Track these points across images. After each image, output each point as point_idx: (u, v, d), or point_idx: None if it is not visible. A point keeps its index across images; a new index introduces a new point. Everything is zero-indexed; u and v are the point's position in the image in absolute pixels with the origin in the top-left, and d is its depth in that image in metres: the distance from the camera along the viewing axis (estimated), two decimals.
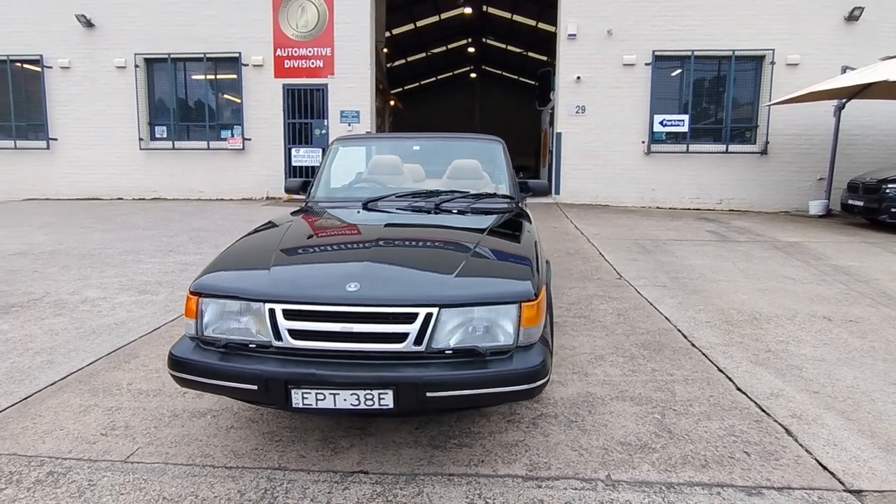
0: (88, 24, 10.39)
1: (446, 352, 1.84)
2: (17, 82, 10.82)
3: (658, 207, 10.05)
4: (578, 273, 5.14)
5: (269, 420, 2.36)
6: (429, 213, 2.94)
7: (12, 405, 2.51)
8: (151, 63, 10.66)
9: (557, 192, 10.39)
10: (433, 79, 35.26)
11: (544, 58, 21.45)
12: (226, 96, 10.75)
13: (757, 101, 9.79)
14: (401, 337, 1.82)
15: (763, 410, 2.45)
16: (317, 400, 1.77)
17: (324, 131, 10.48)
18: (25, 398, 2.58)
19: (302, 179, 3.52)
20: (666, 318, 3.82)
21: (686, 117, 9.82)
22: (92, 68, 10.55)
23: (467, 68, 34.30)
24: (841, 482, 1.92)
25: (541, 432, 2.27)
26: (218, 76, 10.66)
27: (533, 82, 22.67)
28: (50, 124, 10.74)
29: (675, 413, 2.43)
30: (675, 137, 9.99)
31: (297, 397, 1.78)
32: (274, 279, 1.98)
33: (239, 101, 10.53)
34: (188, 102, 10.85)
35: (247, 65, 10.38)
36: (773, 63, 9.57)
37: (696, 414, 2.42)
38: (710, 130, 10.08)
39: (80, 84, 10.62)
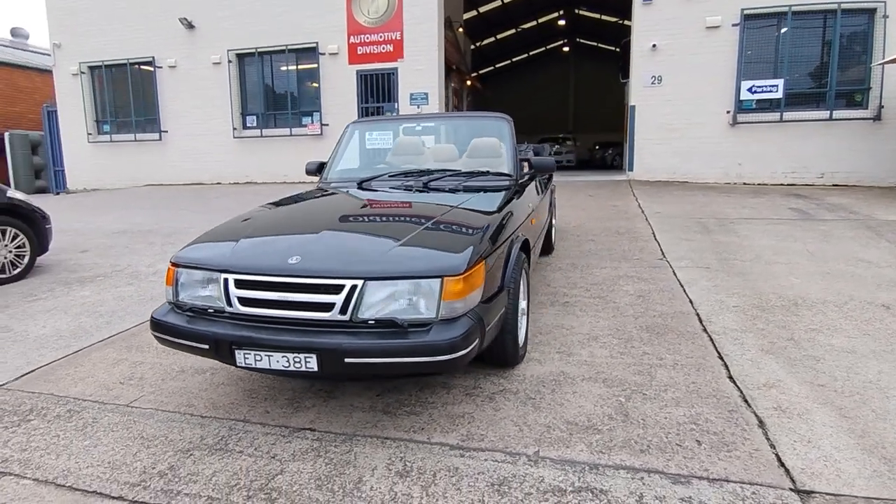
0: (190, 25, 11.53)
1: (369, 322, 1.94)
2: (135, 82, 12.34)
3: (745, 184, 9.15)
4: (619, 253, 4.92)
5: (253, 379, 2.62)
6: (418, 191, 3.02)
7: (66, 356, 3.02)
8: (242, 58, 11.61)
9: (631, 169, 9.83)
10: (525, 55, 34.44)
11: None
12: (305, 85, 11.43)
13: (868, 60, 8.45)
14: (328, 306, 1.95)
15: (745, 400, 2.26)
16: (255, 360, 1.97)
17: (394, 114, 10.78)
18: (77, 351, 3.09)
19: (319, 162, 3.74)
20: (690, 300, 3.57)
21: (780, 82, 8.75)
22: (193, 66, 11.73)
23: (560, 42, 33.04)
24: (793, 481, 1.76)
25: (493, 406, 2.30)
26: (298, 66, 11.35)
27: None
28: (161, 118, 12.16)
29: (643, 397, 2.32)
30: (766, 105, 8.96)
31: (241, 357, 1.99)
32: (232, 252, 2.20)
33: (317, 88, 11.15)
34: (273, 92, 11.70)
35: (323, 54, 10.93)
36: (885, 17, 8.19)
37: (666, 399, 2.30)
38: (809, 95, 8.89)
39: (184, 81, 11.87)
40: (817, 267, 4.24)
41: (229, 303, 2.07)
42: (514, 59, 34.32)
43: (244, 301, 2.05)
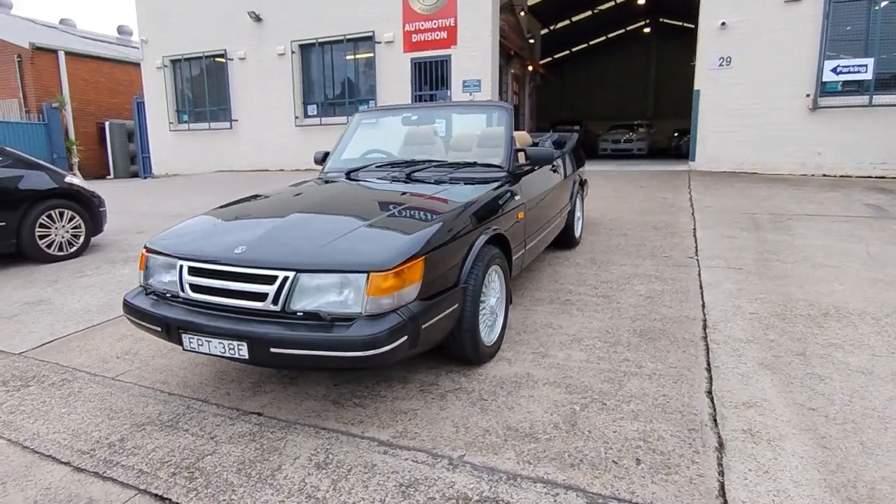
0: (258, 18, 12.09)
1: (298, 314, 1.95)
2: (209, 74, 13.17)
3: (824, 175, 8.21)
4: (648, 250, 4.61)
5: (228, 362, 2.74)
6: (399, 182, 2.98)
7: (84, 329, 3.31)
8: (304, 48, 12.02)
9: (693, 159, 9.15)
10: (603, 37, 32.92)
11: None
12: (362, 74, 11.64)
13: None
14: (262, 296, 1.99)
15: (714, 420, 2.05)
16: (198, 345, 2.05)
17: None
18: (96, 325, 3.37)
19: (325, 151, 3.79)
20: (703, 304, 3.28)
21: (870, 62, 7.70)
22: (260, 57, 12.32)
23: (641, 23, 31.23)
24: None
25: (440, 405, 2.24)
26: (356, 56, 11.58)
27: None
28: (232, 108, 12.90)
29: (601, 408, 2.17)
30: (853, 88, 7.95)
31: (186, 341, 2.08)
32: (191, 241, 2.29)
33: (373, 77, 11.33)
34: (332, 82, 12.02)
35: (379, 42, 11.07)
36: None
37: (625, 412, 2.13)
38: None
39: (252, 72, 12.50)
40: (871, 273, 3.74)
41: (182, 288, 2.16)
42: (590, 43, 32.95)
43: (194, 287, 2.14)
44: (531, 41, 18.24)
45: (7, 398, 2.44)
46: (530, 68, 15.32)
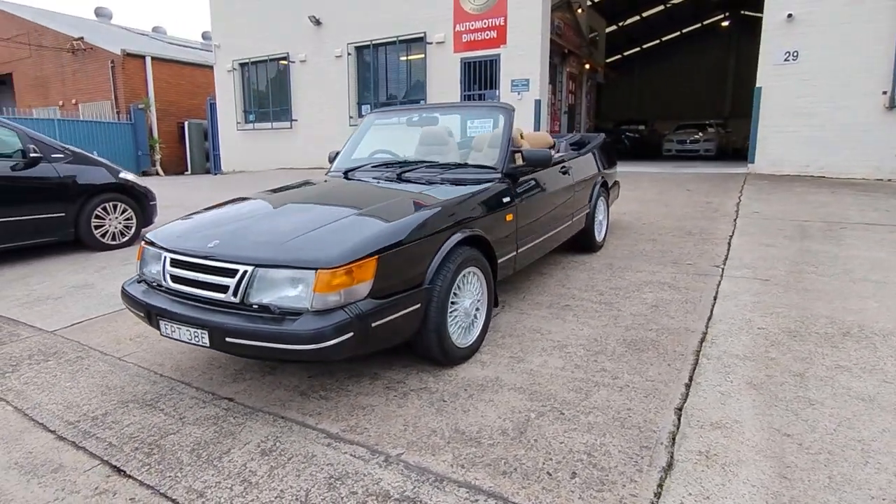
0: (317, 22, 12.58)
1: (254, 306, 2.04)
2: (273, 76, 13.86)
3: None
4: (673, 256, 4.39)
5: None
6: (389, 182, 3.03)
7: (112, 312, 3.61)
8: (359, 50, 12.37)
9: (752, 161, 8.54)
10: (676, 33, 31.38)
11: None
12: (413, 74, 11.81)
13: None
14: (225, 288, 2.10)
15: (672, 439, 1.94)
16: (171, 331, 2.20)
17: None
18: (122, 309, 3.67)
19: (336, 151, 3.92)
20: (710, 316, 3.09)
21: None
22: (318, 60, 12.81)
23: (719, 16, 29.45)
24: None
25: (399, 403, 2.27)
26: (408, 57, 11.76)
27: None
28: (293, 108, 13.51)
29: (557, 417, 2.11)
30: None
31: (163, 327, 2.23)
32: (178, 234, 2.45)
33: (423, 78, 11.47)
34: (385, 83, 12.29)
35: (430, 43, 11.18)
36: None
37: (580, 423, 2.06)
38: None
39: (311, 73, 13.02)
40: None
41: (164, 278, 2.32)
42: (663, 39, 31.50)
43: (174, 278, 2.29)
44: (595, 38, 17.73)
45: (27, 370, 2.72)
46: (587, 66, 14.88)
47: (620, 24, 25.92)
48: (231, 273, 2.09)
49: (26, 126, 13.24)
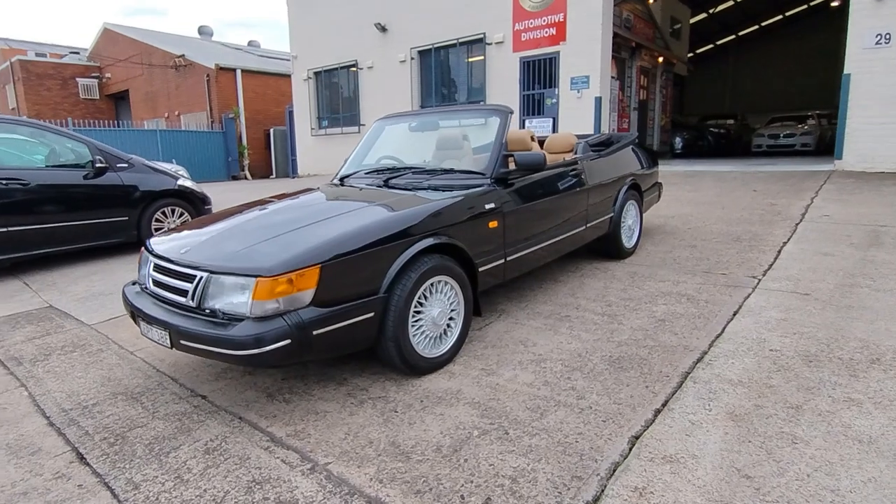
0: (383, 29, 12.93)
1: (206, 310, 2.14)
2: (343, 83, 14.44)
3: None
4: (707, 265, 4.02)
5: None
6: (377, 188, 3.04)
7: None
8: (422, 54, 12.54)
9: (839, 157, 7.59)
10: (778, 16, 28.64)
11: None
12: (473, 76, 11.77)
13: None
14: (186, 293, 2.22)
15: (613, 470, 1.78)
16: (146, 330, 2.36)
17: (554, 101, 10.38)
18: None
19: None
20: (719, 334, 2.79)
21: None
22: (384, 65, 13.15)
23: None
24: None
25: (351, 411, 2.28)
26: (468, 59, 11.75)
27: None
28: (361, 113, 13.99)
29: (498, 437, 2.01)
30: None
31: (141, 326, 2.41)
32: (167, 240, 2.63)
33: (483, 79, 11.40)
34: (446, 85, 12.36)
35: (490, 43, 11.09)
36: None
37: (520, 446, 1.95)
38: None
39: (377, 79, 13.41)
40: None
41: (148, 282, 2.50)
42: (762, 24, 28.91)
43: (154, 281, 2.46)
44: (676, 29, 16.66)
45: (55, 360, 3.05)
46: (661, 59, 13.99)
47: (711, 11, 24.13)
48: (191, 278, 2.21)
49: (134, 136, 14.68)
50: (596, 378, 2.42)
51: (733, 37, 28.88)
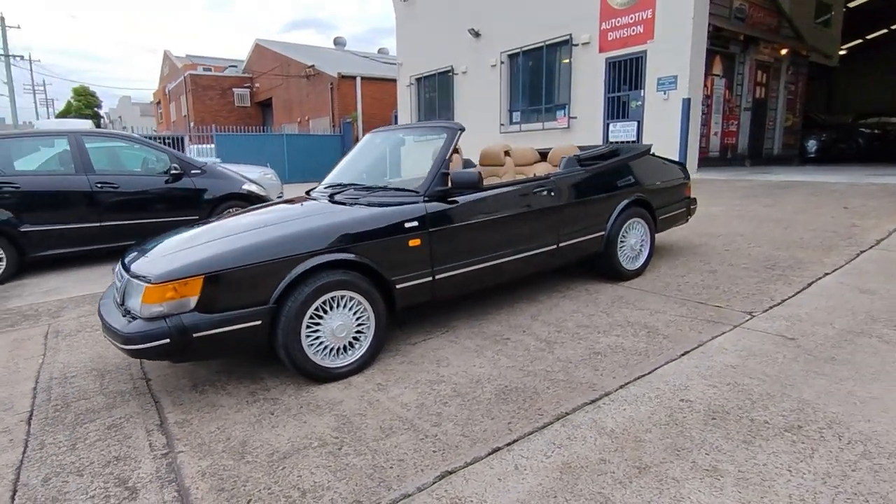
0: (476, 34, 13.09)
1: (123, 308, 2.52)
2: (440, 89, 14.88)
3: None
4: (711, 294, 3.60)
5: None
6: (328, 202, 3.24)
7: None
8: (512, 58, 12.46)
9: None
10: None
11: None
12: (559, 78, 11.42)
13: None
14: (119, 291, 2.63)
15: (396, 502, 1.78)
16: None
17: (639, 103, 9.69)
18: None
19: None
20: (641, 376, 2.54)
21: None
22: (477, 70, 13.30)
23: None
24: None
25: (240, 409, 2.50)
26: (555, 61, 11.42)
27: None
28: (455, 117, 14.30)
29: (329, 452, 2.10)
30: None
31: None
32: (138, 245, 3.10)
33: (569, 82, 11.02)
34: (534, 89, 12.15)
35: (576, 45, 10.68)
36: None
37: (339, 464, 2.02)
38: None
39: (471, 84, 13.61)
40: None
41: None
42: None
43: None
44: (826, 19, 14.46)
45: (80, 336, 3.73)
46: (784, 52, 12.20)
47: None
48: (121, 279, 2.62)
49: (267, 140, 16.65)
50: (471, 407, 2.38)
51: None
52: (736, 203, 6.56)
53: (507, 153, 3.77)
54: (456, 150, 4.18)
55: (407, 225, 2.87)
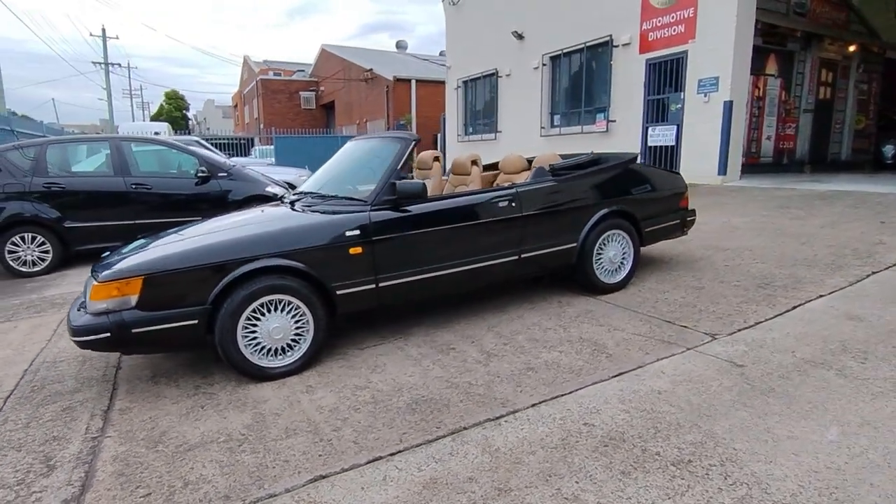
0: (520, 37, 12.97)
1: (82, 303, 2.79)
2: (485, 92, 14.86)
3: None
4: (686, 312, 3.43)
5: None
6: (287, 209, 3.40)
7: None
8: (553, 60, 12.23)
9: None
10: None
11: None
12: (598, 81, 11.08)
13: None
14: None
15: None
16: None
17: (679, 105, 9.22)
18: None
19: None
20: (559, 395, 2.49)
21: None
22: (520, 73, 13.17)
23: None
24: None
25: (177, 401, 2.70)
26: (594, 63, 11.09)
27: None
28: (498, 120, 14.26)
29: (229, 448, 2.23)
30: None
31: None
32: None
33: (608, 84, 10.68)
34: (575, 91, 11.86)
35: (617, 46, 10.32)
36: None
37: (233, 460, 2.15)
38: None
39: (514, 86, 13.50)
40: None
41: None
42: None
43: None
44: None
45: None
46: (853, 48, 11.09)
47: None
48: (89, 276, 2.90)
49: (324, 142, 17.40)
50: (378, 415, 2.43)
51: None
52: (763, 214, 6.12)
53: (474, 163, 3.77)
54: (436, 159, 4.24)
55: (348, 234, 2.97)
